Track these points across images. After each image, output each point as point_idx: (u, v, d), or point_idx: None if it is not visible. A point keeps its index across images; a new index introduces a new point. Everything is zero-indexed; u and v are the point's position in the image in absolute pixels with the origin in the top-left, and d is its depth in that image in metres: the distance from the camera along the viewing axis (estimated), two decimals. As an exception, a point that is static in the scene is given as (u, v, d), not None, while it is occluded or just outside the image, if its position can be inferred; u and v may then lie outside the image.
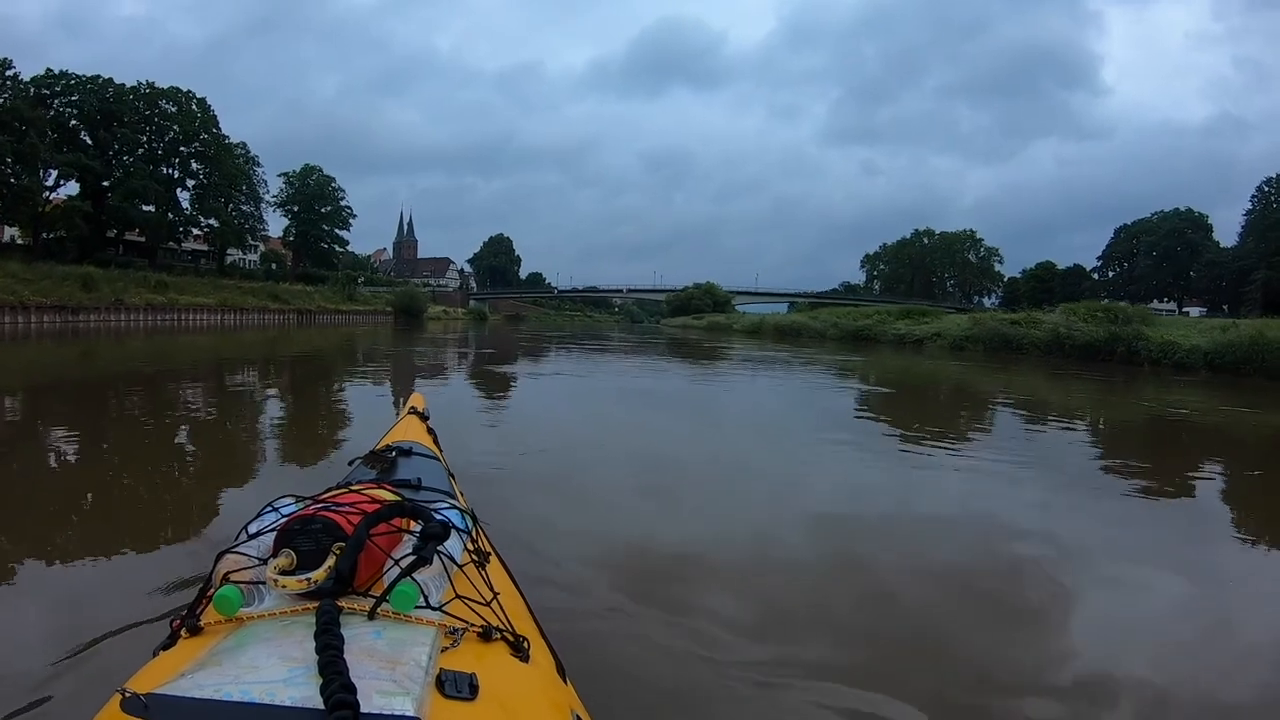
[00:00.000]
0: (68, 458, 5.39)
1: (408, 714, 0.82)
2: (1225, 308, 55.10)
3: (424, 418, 2.81)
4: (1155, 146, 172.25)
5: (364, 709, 0.79)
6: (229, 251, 59.49)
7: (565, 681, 1.25)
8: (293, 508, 1.29)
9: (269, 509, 1.33)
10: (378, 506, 1.21)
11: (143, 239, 50.28)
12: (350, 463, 2.12)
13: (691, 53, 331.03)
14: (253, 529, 1.25)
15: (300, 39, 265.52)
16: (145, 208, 48.91)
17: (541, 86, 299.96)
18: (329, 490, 1.40)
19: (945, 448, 6.84)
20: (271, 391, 10.80)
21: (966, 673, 2.45)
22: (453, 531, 1.27)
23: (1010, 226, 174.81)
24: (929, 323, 32.38)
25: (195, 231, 54.15)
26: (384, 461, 2.04)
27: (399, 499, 1.29)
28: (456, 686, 0.90)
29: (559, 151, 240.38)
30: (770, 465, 6.04)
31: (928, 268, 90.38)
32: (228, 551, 1.18)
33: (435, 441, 2.57)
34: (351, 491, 1.32)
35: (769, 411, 9.71)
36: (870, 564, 3.54)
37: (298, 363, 16.11)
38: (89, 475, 4.80)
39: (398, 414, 2.96)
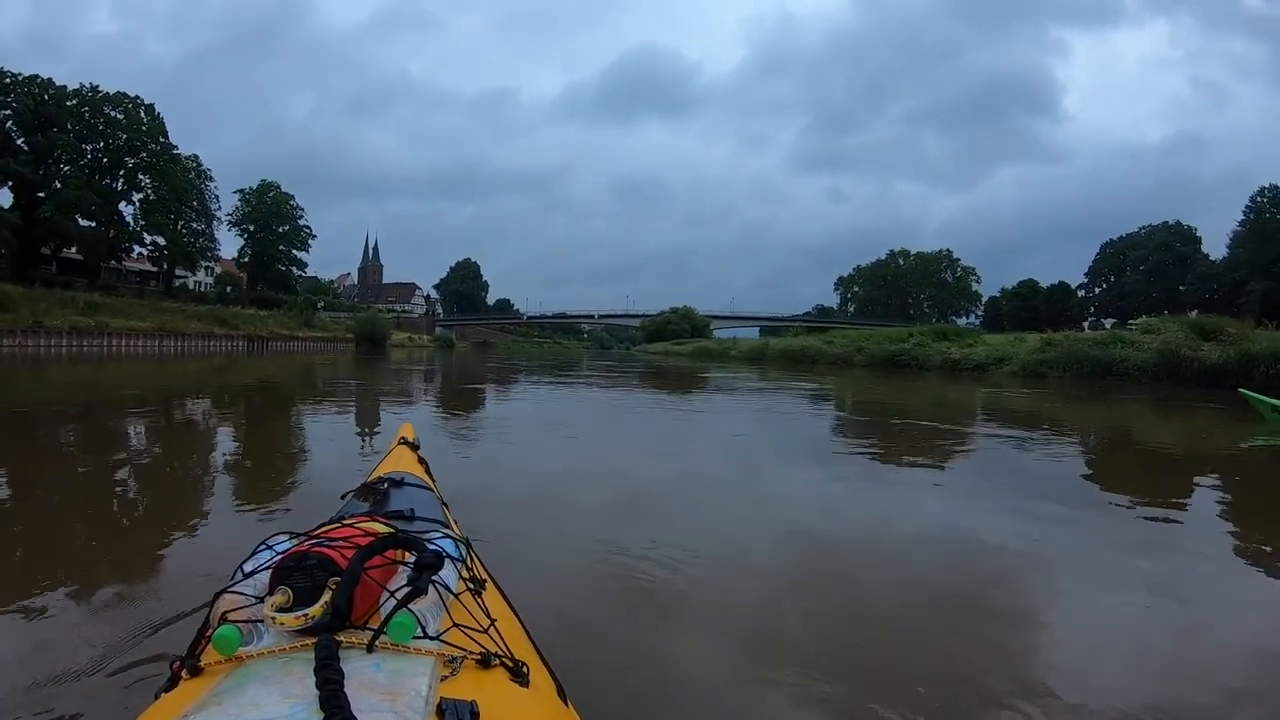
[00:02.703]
0: (32, 500, 4.89)
1: None
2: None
3: (414, 447, 2.73)
4: (1115, 167, 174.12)
5: None
6: (182, 274, 55.67)
7: (567, 704, 1.24)
8: (287, 545, 1.26)
9: (263, 547, 1.30)
10: (371, 539, 1.20)
11: (81, 257, 46.41)
12: (342, 496, 2.06)
13: (665, 81, 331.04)
14: (248, 567, 1.24)
15: (276, 61, 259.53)
16: (84, 222, 45.18)
17: (515, 112, 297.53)
18: (322, 525, 1.40)
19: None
20: (251, 428, 9.64)
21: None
22: (447, 560, 1.27)
23: (973, 248, 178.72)
24: (972, 345, 29.16)
25: (139, 250, 50.31)
26: (376, 494, 2.00)
27: (392, 531, 1.29)
28: (457, 714, 0.91)
29: (530, 178, 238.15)
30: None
31: (903, 289, 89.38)
32: (225, 591, 1.17)
33: (427, 471, 2.51)
34: (345, 525, 1.32)
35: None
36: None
37: (258, 395, 14.51)
38: (66, 520, 4.39)
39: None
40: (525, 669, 1.12)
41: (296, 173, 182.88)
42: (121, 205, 47.65)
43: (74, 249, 46.37)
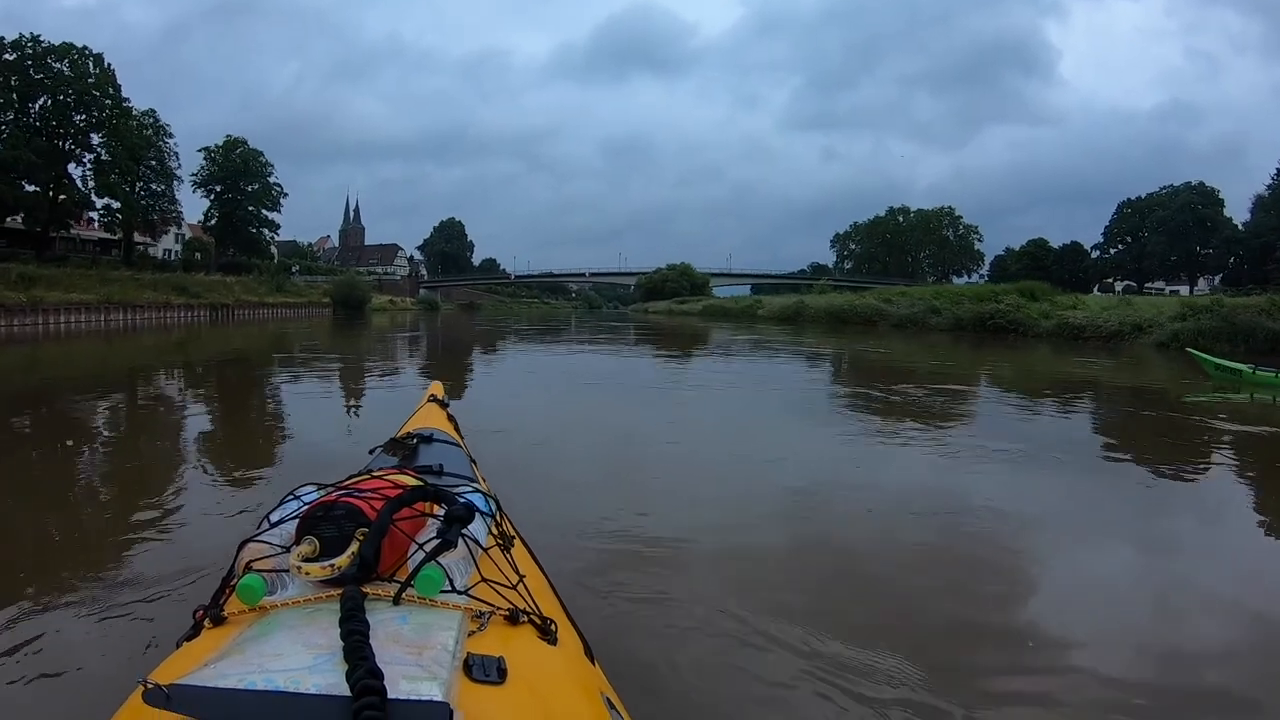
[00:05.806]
0: (69, 458, 5.20)
1: (435, 699, 0.80)
2: (1251, 286, 51.58)
3: (444, 405, 2.77)
4: (1108, 133, 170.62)
5: (391, 695, 0.77)
6: (146, 241, 52.27)
7: (593, 663, 1.23)
8: (315, 495, 1.26)
9: (291, 497, 1.30)
10: (400, 491, 1.19)
11: (24, 226, 42.93)
12: (371, 451, 2.05)
13: (658, 40, 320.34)
14: (275, 517, 1.23)
15: (259, 27, 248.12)
16: (31, 188, 41.67)
17: (504, 73, 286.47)
18: (351, 477, 1.38)
19: None
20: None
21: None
22: (476, 515, 1.25)
23: (963, 208, 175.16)
24: (1074, 306, 26.13)
25: (91, 216, 46.82)
26: (405, 448, 1.98)
27: (422, 484, 1.27)
28: (484, 670, 0.90)
29: (518, 139, 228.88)
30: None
31: (902, 246, 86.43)
32: (250, 540, 1.16)
33: (456, 428, 2.53)
34: (374, 478, 1.30)
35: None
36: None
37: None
38: (103, 472, 4.86)
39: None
40: (553, 626, 1.11)
41: (281, 140, 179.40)
42: (71, 167, 43.80)
43: (20, 219, 42.94)
